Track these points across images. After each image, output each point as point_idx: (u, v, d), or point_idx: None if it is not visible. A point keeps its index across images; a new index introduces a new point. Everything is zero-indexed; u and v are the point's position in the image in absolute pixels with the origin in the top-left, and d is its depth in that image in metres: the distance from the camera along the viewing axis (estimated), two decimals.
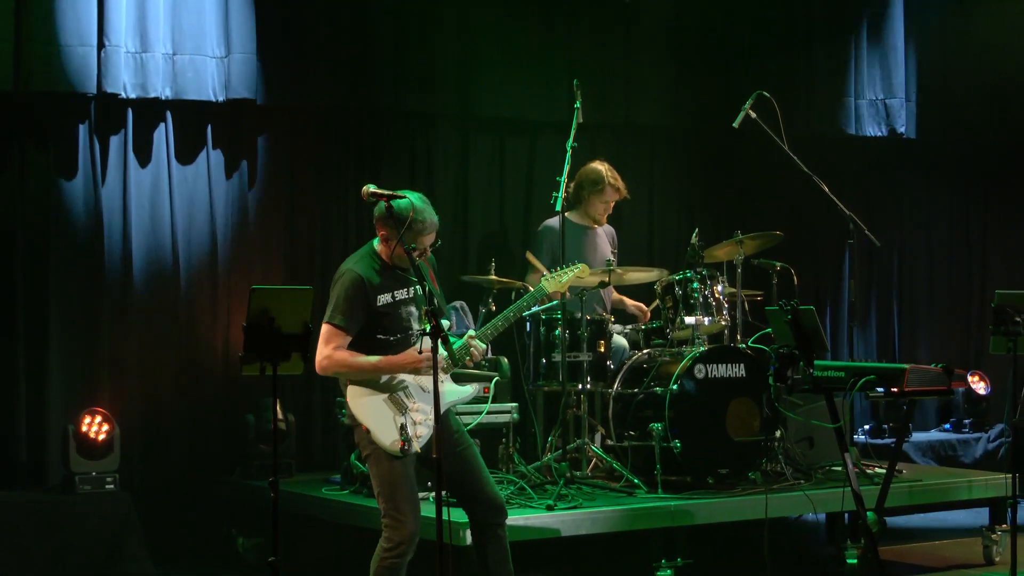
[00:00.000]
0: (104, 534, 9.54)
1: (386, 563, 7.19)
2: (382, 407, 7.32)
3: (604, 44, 11.92)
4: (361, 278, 7.35)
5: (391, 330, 7.40)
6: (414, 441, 7.28)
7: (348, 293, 7.32)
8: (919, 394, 7.57)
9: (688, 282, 9.90)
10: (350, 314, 7.29)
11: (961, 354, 13.59)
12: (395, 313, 7.43)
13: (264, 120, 10.77)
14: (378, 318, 7.36)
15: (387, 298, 7.40)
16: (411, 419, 7.32)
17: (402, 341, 7.42)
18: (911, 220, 13.70)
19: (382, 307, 7.36)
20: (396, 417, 7.29)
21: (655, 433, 9.32)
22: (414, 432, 7.30)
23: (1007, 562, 7.99)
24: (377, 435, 7.26)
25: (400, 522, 7.20)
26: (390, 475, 7.28)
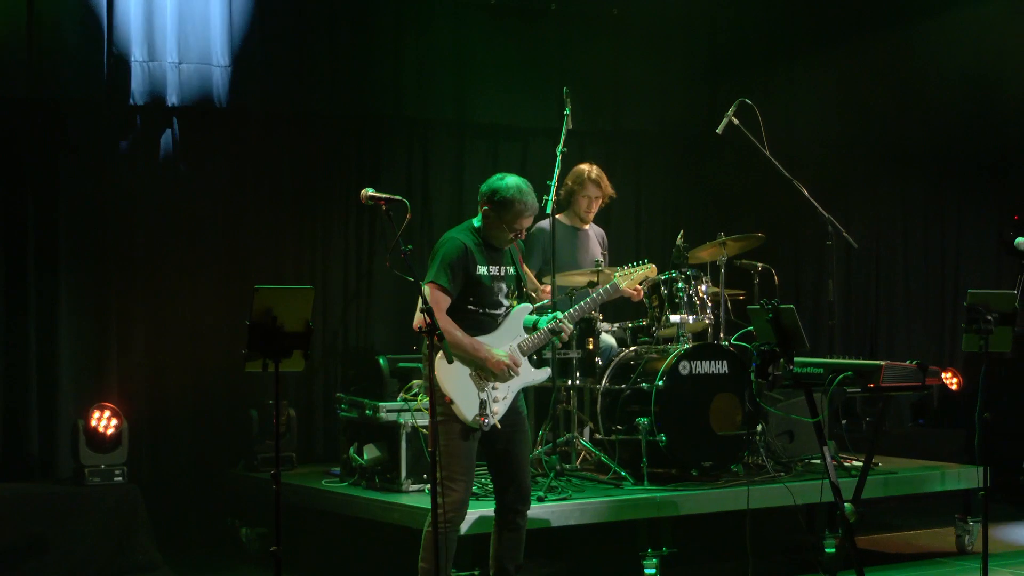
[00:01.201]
0: (112, 524, 9.53)
1: (439, 529, 7.21)
2: (467, 381, 7.38)
3: (593, 53, 11.93)
4: (464, 245, 7.46)
5: (481, 302, 7.50)
6: (492, 416, 7.36)
7: (451, 257, 7.42)
8: (895, 390, 7.57)
9: (673, 282, 9.91)
10: (453, 276, 7.38)
11: (935, 351, 13.61)
12: (488, 286, 7.51)
13: (267, 126, 10.77)
14: (473, 287, 7.44)
15: (484, 270, 7.49)
16: (491, 396, 7.38)
17: (489, 317, 7.53)
18: (888, 223, 13.70)
19: (477, 278, 7.44)
20: (479, 392, 7.34)
21: (641, 427, 9.33)
22: (491, 408, 7.36)
23: (979, 551, 8.00)
24: (460, 407, 7.33)
25: (451, 490, 7.26)
26: (453, 446, 7.34)
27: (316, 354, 7.23)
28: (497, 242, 7.55)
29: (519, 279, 7.61)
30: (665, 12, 12.23)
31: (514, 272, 7.63)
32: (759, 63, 12.60)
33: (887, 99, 13.23)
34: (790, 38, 12.81)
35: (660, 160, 12.55)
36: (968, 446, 11.65)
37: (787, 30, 12.81)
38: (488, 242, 7.54)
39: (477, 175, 11.55)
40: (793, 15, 12.78)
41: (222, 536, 10.29)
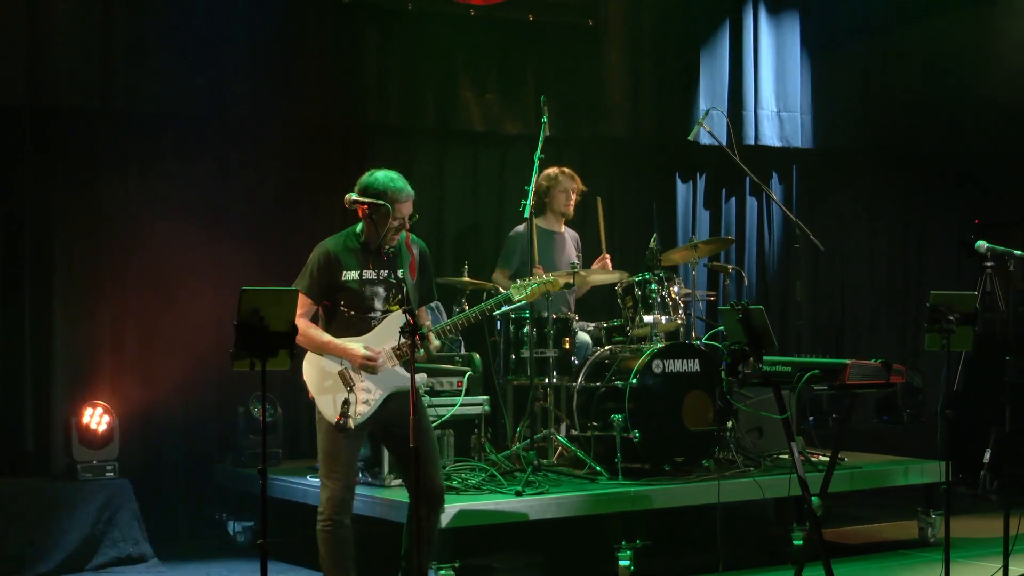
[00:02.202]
0: (104, 518, 9.54)
1: (319, 528, 7.24)
2: (331, 380, 7.36)
3: (570, 63, 11.92)
4: (328, 252, 7.51)
5: (352, 306, 7.47)
6: (352, 418, 7.30)
7: (313, 264, 7.51)
8: (860, 387, 7.58)
9: (647, 284, 9.93)
10: (311, 283, 7.44)
11: (899, 350, 13.64)
12: (358, 291, 7.48)
13: (255, 132, 10.76)
14: (339, 291, 7.43)
15: (353, 275, 7.48)
16: (355, 396, 7.33)
17: (361, 320, 7.49)
18: (853, 226, 13.72)
19: (345, 282, 7.43)
20: (341, 392, 7.31)
21: (616, 424, 9.33)
22: (355, 410, 7.31)
23: (941, 543, 8.01)
24: (320, 406, 7.35)
25: (328, 487, 7.28)
26: (327, 445, 7.37)
27: (301, 353, 7.23)
28: (384, 241, 7.50)
29: (401, 285, 7.39)
30: (639, 23, 12.24)
31: (395, 279, 7.48)
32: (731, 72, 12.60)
33: (853, 107, 13.25)
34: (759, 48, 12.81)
35: (635, 166, 12.55)
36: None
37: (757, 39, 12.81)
38: (369, 245, 7.51)
39: (458, 181, 11.64)
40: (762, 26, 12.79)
41: (211, 529, 10.30)
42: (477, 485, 8.98)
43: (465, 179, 11.81)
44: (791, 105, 12.84)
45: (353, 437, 7.42)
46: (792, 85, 12.83)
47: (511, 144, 11.63)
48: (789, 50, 12.84)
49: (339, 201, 7.56)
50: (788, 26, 12.88)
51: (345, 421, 7.27)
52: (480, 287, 10.25)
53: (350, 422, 7.29)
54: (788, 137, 12.80)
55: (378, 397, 7.42)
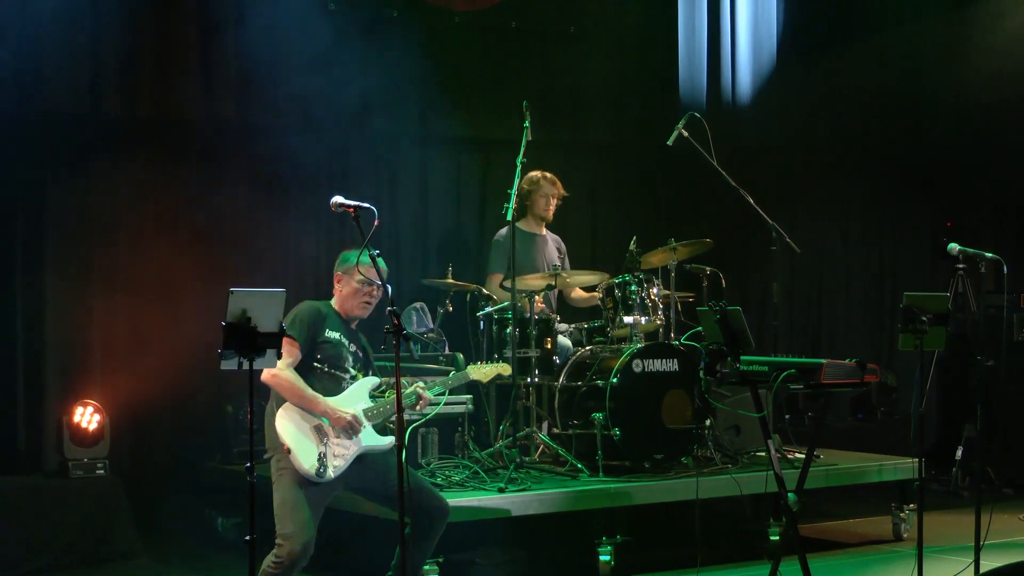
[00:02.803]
0: (95, 515, 9.55)
1: (270, 571, 7.16)
2: (307, 433, 7.35)
3: (552, 69, 11.94)
4: (318, 309, 7.62)
5: (328, 362, 7.53)
6: (330, 470, 7.32)
7: (304, 314, 7.55)
8: (835, 386, 7.57)
9: (627, 285, 9.93)
10: (303, 331, 7.46)
11: (874, 350, 13.66)
12: (335, 352, 7.57)
13: (242, 137, 10.76)
14: (320, 346, 7.50)
15: (334, 335, 7.58)
16: (331, 451, 7.36)
17: (333, 377, 7.54)
18: (829, 229, 13.74)
19: (326, 339, 7.52)
20: (317, 446, 7.32)
21: (597, 422, 9.34)
22: (332, 463, 7.33)
23: (914, 538, 8.03)
24: (297, 457, 7.27)
25: (290, 541, 7.18)
26: (293, 497, 7.27)
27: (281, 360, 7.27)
28: (355, 312, 7.68)
29: (369, 362, 7.70)
30: (620, 30, 12.27)
31: (363, 356, 7.71)
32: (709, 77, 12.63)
33: (828, 113, 13.27)
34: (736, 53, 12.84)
35: (615, 169, 12.57)
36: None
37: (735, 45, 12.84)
38: (341, 316, 7.63)
39: (441, 184, 11.65)
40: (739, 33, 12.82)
41: (199, 526, 10.29)
42: (461, 482, 8.99)
43: (448, 183, 11.82)
44: (768, 108, 12.88)
45: (320, 492, 7.38)
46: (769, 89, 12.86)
47: (494, 148, 11.64)
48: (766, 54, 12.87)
49: (325, 205, 7.55)
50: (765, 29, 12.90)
51: (324, 471, 7.28)
52: (463, 288, 10.25)
53: (329, 472, 7.31)
54: (765, 140, 12.82)
55: (352, 453, 7.44)
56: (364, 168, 11.38)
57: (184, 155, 10.57)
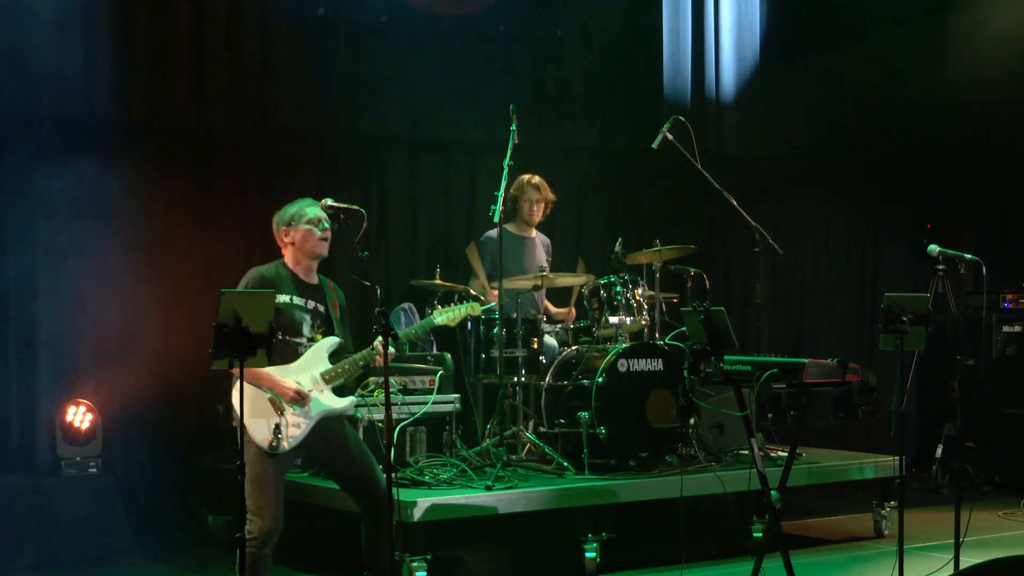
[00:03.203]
0: (88, 513, 9.53)
1: (247, 551, 7.15)
2: (262, 404, 7.29)
3: (538, 73, 11.95)
4: (263, 275, 7.51)
5: (281, 328, 7.36)
6: (284, 441, 7.26)
7: (250, 284, 7.47)
8: (817, 386, 7.58)
9: (612, 286, 9.94)
10: None
11: (855, 349, 13.68)
12: (288, 314, 7.45)
13: (235, 140, 10.75)
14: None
15: (284, 299, 7.44)
16: (286, 421, 7.29)
17: (288, 345, 7.44)
18: (811, 231, 13.76)
19: (276, 305, 7.27)
20: (272, 418, 7.27)
21: (583, 421, 9.34)
22: (286, 433, 7.28)
23: (895, 535, 8.04)
24: (251, 430, 7.22)
25: (259, 518, 7.15)
26: (256, 471, 7.20)
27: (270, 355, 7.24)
28: (305, 271, 7.59)
29: (329, 318, 7.54)
30: (605, 35, 12.27)
31: (324, 311, 7.57)
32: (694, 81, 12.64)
33: (810, 115, 13.29)
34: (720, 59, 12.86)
35: (601, 172, 12.57)
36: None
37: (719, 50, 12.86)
38: (298, 276, 7.54)
39: (430, 187, 11.66)
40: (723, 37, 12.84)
41: (191, 523, 10.27)
42: (448, 480, 8.98)
43: (437, 185, 11.82)
44: (751, 112, 12.90)
45: (282, 462, 7.35)
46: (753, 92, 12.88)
47: (481, 151, 11.63)
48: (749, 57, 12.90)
49: None
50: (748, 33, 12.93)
51: (278, 444, 7.23)
52: (452, 289, 10.25)
53: (283, 443, 7.26)
54: (749, 143, 12.84)
55: (309, 422, 7.37)
56: (354, 171, 11.37)
57: (175, 158, 10.54)
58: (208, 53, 10.44)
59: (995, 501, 11.61)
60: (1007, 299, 12.65)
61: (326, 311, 7.60)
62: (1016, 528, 10.54)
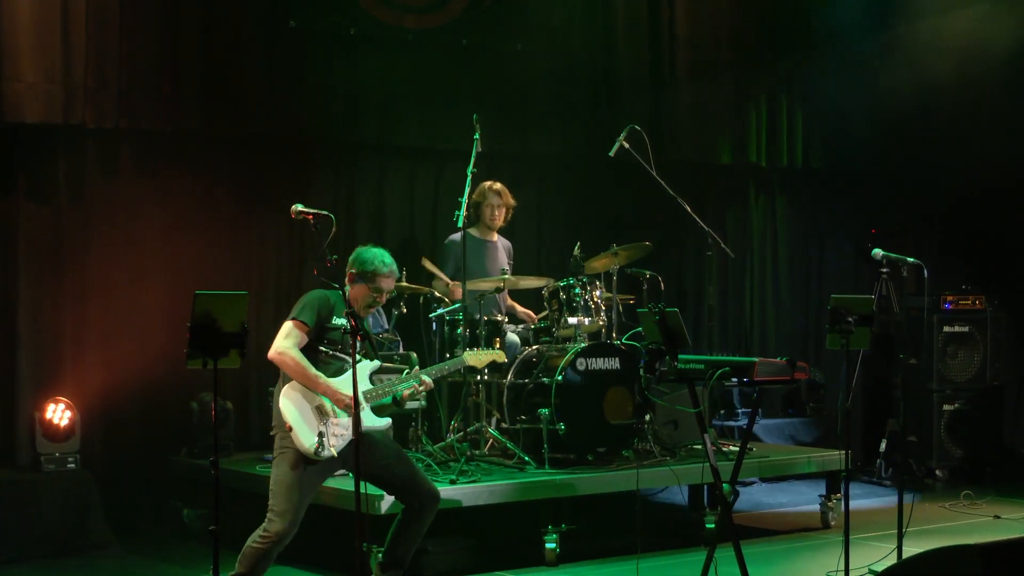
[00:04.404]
0: (67, 507, 9.49)
1: (257, 546, 7.19)
2: (309, 413, 7.34)
3: (501, 84, 11.93)
4: (328, 298, 7.56)
5: (332, 346, 7.52)
6: (328, 449, 7.31)
7: (315, 302, 7.52)
8: (767, 383, 7.59)
9: (571, 288, 9.94)
10: (313, 318, 7.44)
11: (803, 349, 13.71)
12: (341, 338, 7.52)
13: (208, 148, 10.70)
14: (327, 332, 7.48)
15: (341, 321, 7.50)
16: (331, 430, 7.35)
17: (336, 360, 7.53)
18: (760, 235, 13.78)
19: (333, 326, 7.50)
20: (318, 425, 7.30)
21: (543, 417, 9.34)
22: (330, 441, 7.31)
23: (841, 525, 8.06)
24: (298, 435, 7.28)
25: (281, 519, 7.20)
26: (290, 477, 7.27)
27: (251, 352, 7.17)
28: (359, 306, 7.63)
29: (372, 346, 7.69)
30: (565, 47, 12.28)
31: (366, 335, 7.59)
32: (650, 91, 12.66)
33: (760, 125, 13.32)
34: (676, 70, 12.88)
35: (560, 179, 12.56)
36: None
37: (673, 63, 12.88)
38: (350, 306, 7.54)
39: (397, 193, 11.66)
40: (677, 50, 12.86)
41: (167, 516, 10.23)
42: None
43: (403, 191, 11.80)
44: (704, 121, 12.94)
45: (317, 472, 7.42)
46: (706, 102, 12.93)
47: (446, 159, 11.61)
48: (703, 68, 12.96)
49: (284, 211, 7.52)
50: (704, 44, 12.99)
51: (322, 450, 7.26)
52: (417, 291, 10.24)
53: (326, 452, 7.30)
54: (704, 152, 12.87)
55: (349, 432, 7.38)
56: (324, 177, 11.34)
57: (152, 164, 10.50)
58: (182, 63, 10.40)
59: (936, 493, 11.67)
60: (947, 300, 12.71)
61: (367, 340, 7.66)
62: (956, 519, 10.58)
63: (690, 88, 12.88)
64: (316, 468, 7.37)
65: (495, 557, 9.12)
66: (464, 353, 8.45)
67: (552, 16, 12.20)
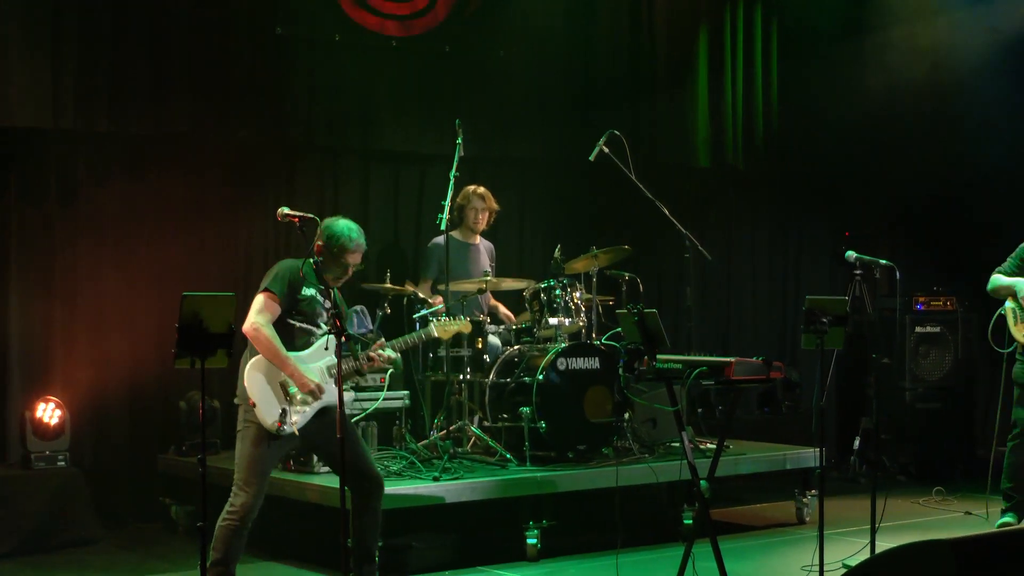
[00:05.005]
0: (57, 503, 9.48)
1: (227, 524, 7.14)
2: (274, 388, 7.28)
3: (483, 89, 11.92)
4: (295, 267, 7.44)
5: (303, 316, 7.42)
6: (289, 425, 7.26)
7: (285, 272, 7.41)
8: (743, 382, 7.60)
9: (552, 289, 9.95)
10: (284, 288, 7.33)
11: (779, 349, 13.73)
12: (311, 308, 7.44)
13: (196, 151, 10.68)
14: (299, 303, 7.36)
15: (310, 292, 7.43)
16: (293, 407, 7.29)
17: (305, 332, 7.45)
18: (737, 238, 13.79)
19: (304, 296, 7.39)
20: (281, 401, 7.26)
21: (524, 416, 9.35)
22: (291, 419, 7.27)
23: (815, 521, 8.07)
24: (261, 412, 7.22)
25: (245, 493, 7.17)
26: (253, 452, 7.24)
27: (238, 352, 7.17)
28: (331, 276, 7.52)
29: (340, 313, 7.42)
30: (546, 54, 12.26)
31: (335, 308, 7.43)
32: (629, 97, 12.67)
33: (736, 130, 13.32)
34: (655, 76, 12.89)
35: (541, 183, 12.56)
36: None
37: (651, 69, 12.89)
38: (319, 275, 7.49)
39: (380, 196, 11.63)
40: (656, 57, 12.87)
41: (155, 513, 10.22)
42: (398, 471, 8.99)
43: (387, 194, 11.79)
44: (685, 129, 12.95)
45: (278, 447, 7.38)
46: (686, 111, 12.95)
47: (429, 163, 11.61)
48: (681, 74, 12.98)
49: (270, 213, 7.53)
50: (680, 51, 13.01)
51: (284, 427, 7.23)
52: (400, 292, 10.23)
53: (287, 428, 7.25)
54: (681, 156, 12.88)
55: (311, 409, 7.37)
56: (309, 180, 11.32)
57: (141, 167, 10.48)
58: (170, 69, 10.37)
59: (908, 489, 11.69)
60: (919, 301, 12.74)
61: (337, 307, 7.55)
62: (928, 514, 10.61)
63: (668, 93, 12.89)
64: (278, 443, 7.32)
65: (478, 552, 9.12)
66: (431, 324, 8.31)
67: (534, 23, 12.19)
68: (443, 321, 8.33)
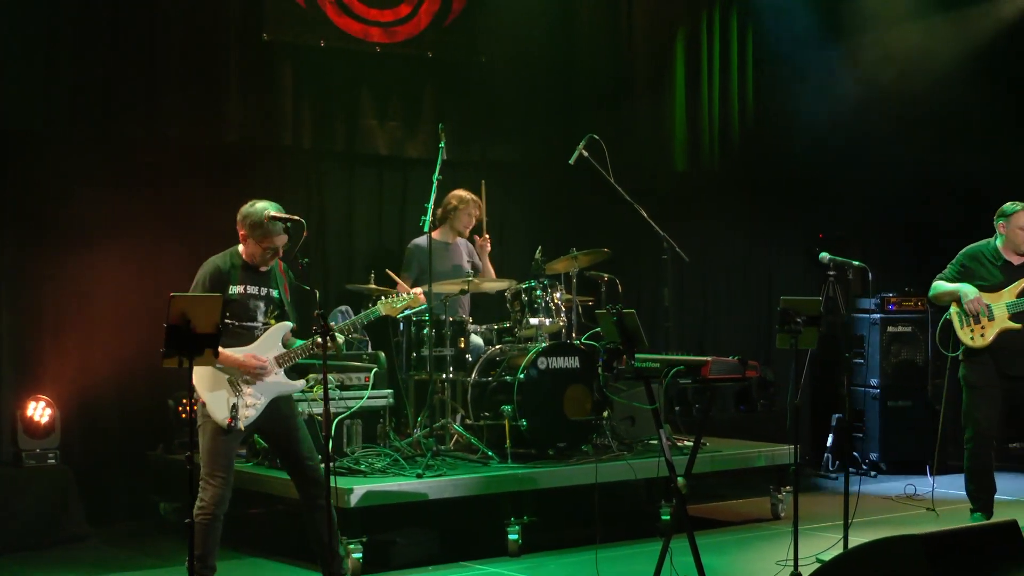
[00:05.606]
0: (47, 501, 9.45)
1: (199, 519, 7.11)
2: (221, 385, 7.27)
3: (465, 94, 11.93)
4: (218, 267, 7.43)
5: (236, 317, 7.37)
6: (241, 420, 7.25)
7: (204, 277, 7.40)
8: (719, 381, 7.61)
9: (532, 290, 9.96)
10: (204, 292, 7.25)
11: (754, 348, 13.73)
12: (242, 303, 7.41)
13: (185, 155, 10.66)
14: (227, 305, 7.23)
15: (238, 289, 7.39)
16: (243, 401, 7.28)
17: (245, 331, 7.41)
18: (713, 239, 13.79)
19: (231, 296, 7.33)
20: (230, 397, 7.25)
21: (506, 414, 9.35)
22: (243, 413, 7.25)
23: (790, 516, 8.09)
24: (211, 408, 7.23)
25: (212, 486, 7.18)
26: (212, 446, 7.25)
27: None
28: (258, 262, 7.48)
29: (281, 302, 7.53)
30: (526, 59, 12.28)
31: (276, 296, 7.53)
32: (608, 102, 12.68)
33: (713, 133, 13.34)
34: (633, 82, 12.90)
35: (522, 186, 12.55)
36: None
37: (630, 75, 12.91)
38: (249, 264, 7.47)
39: (364, 199, 11.62)
40: (635, 63, 12.89)
41: (144, 510, 10.19)
42: (382, 469, 8.97)
43: (371, 197, 11.77)
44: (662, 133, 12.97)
45: (235, 438, 7.37)
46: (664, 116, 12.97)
47: (412, 166, 11.60)
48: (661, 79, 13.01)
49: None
50: None
51: (235, 423, 7.22)
52: (386, 293, 10.20)
53: (240, 424, 7.24)
54: (659, 159, 12.89)
55: (263, 402, 7.37)
56: (296, 183, 11.30)
57: (130, 170, 10.44)
58: (161, 73, 10.37)
59: (880, 486, 11.72)
60: (891, 302, 12.78)
61: (279, 296, 7.56)
62: (899, 510, 10.64)
63: (646, 98, 12.91)
64: (232, 436, 7.30)
65: (460, 548, 9.12)
66: (379, 303, 8.20)
67: (515, 30, 12.20)
68: (391, 299, 8.21)
